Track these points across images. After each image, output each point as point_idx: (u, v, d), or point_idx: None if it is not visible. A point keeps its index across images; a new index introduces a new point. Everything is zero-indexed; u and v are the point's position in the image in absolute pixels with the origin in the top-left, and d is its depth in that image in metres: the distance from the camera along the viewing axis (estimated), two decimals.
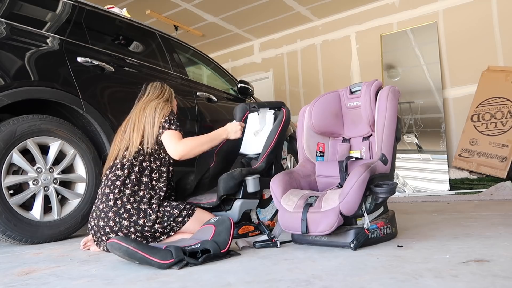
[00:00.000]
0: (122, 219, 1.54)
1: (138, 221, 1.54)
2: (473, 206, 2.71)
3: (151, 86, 1.93)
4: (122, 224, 1.53)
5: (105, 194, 1.60)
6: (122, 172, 1.63)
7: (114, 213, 1.54)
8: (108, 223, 1.54)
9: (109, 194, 1.58)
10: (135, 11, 4.62)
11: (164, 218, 1.59)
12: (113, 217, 1.54)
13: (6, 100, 1.77)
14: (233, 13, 5.25)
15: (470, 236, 1.47)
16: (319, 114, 1.69)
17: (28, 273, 1.24)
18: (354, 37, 5.46)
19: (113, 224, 1.53)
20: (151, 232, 1.57)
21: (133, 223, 1.54)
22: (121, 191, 1.58)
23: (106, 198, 1.58)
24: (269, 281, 0.97)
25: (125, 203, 1.56)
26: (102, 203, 1.58)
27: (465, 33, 4.62)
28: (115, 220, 1.54)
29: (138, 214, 1.56)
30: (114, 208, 1.55)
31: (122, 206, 1.55)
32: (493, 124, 4.21)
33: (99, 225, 1.55)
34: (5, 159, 1.77)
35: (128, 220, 1.54)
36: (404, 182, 4.51)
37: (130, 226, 1.53)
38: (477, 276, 0.92)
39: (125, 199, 1.57)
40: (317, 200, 1.41)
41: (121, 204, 1.56)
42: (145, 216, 1.56)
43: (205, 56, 3.42)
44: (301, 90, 5.96)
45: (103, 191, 1.62)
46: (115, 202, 1.56)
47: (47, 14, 2.14)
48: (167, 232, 1.60)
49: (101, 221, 1.55)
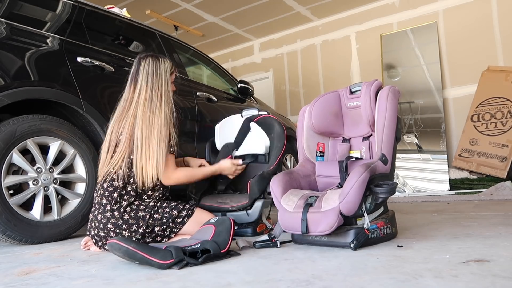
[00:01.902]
0: (122, 230, 1.54)
1: (138, 230, 1.55)
2: (473, 206, 2.71)
3: (144, 72, 1.71)
4: (123, 234, 1.54)
5: (102, 204, 1.59)
6: (118, 184, 1.59)
7: (113, 225, 1.54)
8: (108, 234, 1.54)
9: (107, 205, 1.57)
10: (135, 11, 4.62)
11: (163, 220, 1.58)
12: (113, 229, 1.54)
13: (6, 100, 1.77)
14: (233, 13, 5.25)
15: (470, 236, 1.47)
16: (319, 114, 1.69)
17: (28, 273, 1.24)
18: (354, 37, 5.46)
19: (114, 235, 1.54)
20: (152, 237, 1.58)
21: (134, 233, 1.54)
22: (117, 202, 1.57)
23: (103, 209, 1.57)
24: (269, 281, 0.97)
25: (123, 214, 1.55)
26: (100, 214, 1.57)
27: (465, 33, 4.62)
28: (115, 231, 1.54)
29: (138, 223, 1.55)
30: (112, 219, 1.55)
31: (120, 218, 1.55)
32: (493, 124, 4.21)
33: (100, 236, 1.56)
34: (5, 159, 1.76)
35: (128, 231, 1.54)
36: (404, 182, 4.51)
37: (131, 236, 1.54)
38: (477, 276, 0.92)
39: (122, 210, 1.56)
40: (317, 200, 1.41)
41: (118, 215, 1.55)
42: (144, 223, 1.56)
43: (205, 56, 3.42)
44: (301, 90, 5.96)
45: (100, 201, 1.60)
46: (112, 213, 1.55)
47: (47, 14, 2.14)
48: (167, 235, 1.60)
49: (101, 232, 1.56)
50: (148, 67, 1.73)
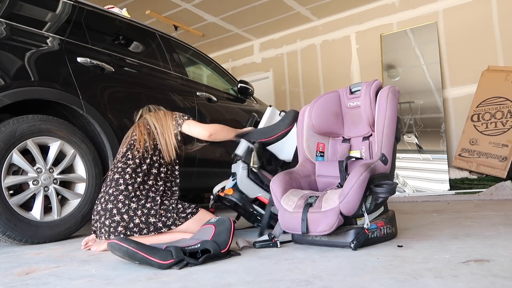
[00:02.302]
0: (131, 201, 1.60)
1: (146, 204, 1.62)
2: (473, 206, 2.71)
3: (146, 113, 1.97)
4: (130, 206, 1.59)
5: (114, 179, 1.66)
6: (133, 162, 1.71)
7: (124, 196, 1.61)
8: (117, 205, 1.59)
9: (119, 179, 1.65)
10: (135, 11, 4.62)
11: (170, 208, 1.65)
12: (123, 200, 1.60)
13: (6, 100, 1.77)
14: (233, 13, 5.25)
15: (470, 236, 1.47)
16: (319, 114, 1.69)
17: (28, 273, 1.24)
18: (354, 37, 5.46)
19: (122, 206, 1.59)
20: (155, 218, 1.61)
21: (141, 206, 1.61)
22: (132, 178, 1.66)
23: (116, 183, 1.64)
24: (269, 281, 0.97)
25: (136, 189, 1.64)
26: (112, 188, 1.64)
27: (465, 33, 4.62)
28: (124, 202, 1.60)
29: (146, 199, 1.64)
30: (125, 192, 1.62)
31: (132, 191, 1.63)
32: (493, 124, 4.21)
33: (107, 208, 1.60)
34: (5, 159, 1.77)
35: (136, 203, 1.61)
36: (404, 182, 4.51)
37: (137, 209, 1.60)
38: (477, 276, 0.92)
39: (136, 186, 1.64)
40: (317, 200, 1.41)
41: (132, 189, 1.63)
42: (152, 201, 1.64)
43: (205, 56, 3.42)
44: (301, 90, 5.96)
45: (113, 177, 1.68)
46: (126, 187, 1.63)
47: (47, 14, 2.14)
48: (169, 225, 1.63)
49: (110, 203, 1.60)
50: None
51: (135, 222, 1.58)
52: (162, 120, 1.84)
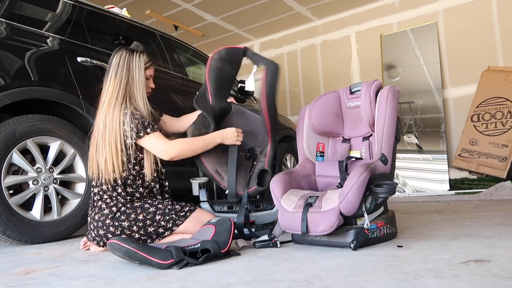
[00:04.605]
0: (121, 221, 1.54)
1: (138, 217, 1.55)
2: (473, 206, 2.71)
3: (114, 64, 1.70)
4: (123, 226, 1.53)
5: (98, 206, 1.60)
6: (107, 187, 1.60)
7: (111, 219, 1.55)
8: (108, 230, 1.54)
9: (102, 205, 1.59)
10: (135, 11, 4.61)
11: (166, 211, 1.58)
12: (112, 223, 1.54)
13: (6, 100, 1.77)
14: (233, 13, 5.25)
15: (470, 236, 1.47)
16: (319, 114, 1.69)
17: (28, 273, 1.24)
18: (354, 37, 5.46)
19: (114, 229, 1.54)
20: (154, 227, 1.56)
21: (134, 221, 1.54)
22: (112, 200, 1.59)
23: (99, 209, 1.58)
24: (269, 281, 0.97)
25: (120, 207, 1.57)
26: (97, 214, 1.58)
27: (465, 33, 4.62)
28: (115, 224, 1.54)
29: (136, 211, 1.56)
30: (110, 215, 1.55)
31: (117, 211, 1.56)
32: (493, 124, 4.21)
33: (100, 235, 1.56)
34: (5, 159, 1.76)
35: (127, 221, 1.54)
36: (404, 182, 4.51)
37: (131, 226, 1.54)
38: (477, 276, 0.92)
39: (120, 205, 1.57)
40: (317, 200, 1.41)
41: (116, 209, 1.56)
42: (142, 211, 1.56)
43: (205, 56, 3.41)
44: (301, 90, 5.96)
45: (97, 204, 1.61)
46: (110, 209, 1.56)
47: (47, 14, 2.14)
48: (170, 227, 1.58)
49: (101, 230, 1.55)
50: (119, 59, 1.70)
51: (135, 237, 1.54)
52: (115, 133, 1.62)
